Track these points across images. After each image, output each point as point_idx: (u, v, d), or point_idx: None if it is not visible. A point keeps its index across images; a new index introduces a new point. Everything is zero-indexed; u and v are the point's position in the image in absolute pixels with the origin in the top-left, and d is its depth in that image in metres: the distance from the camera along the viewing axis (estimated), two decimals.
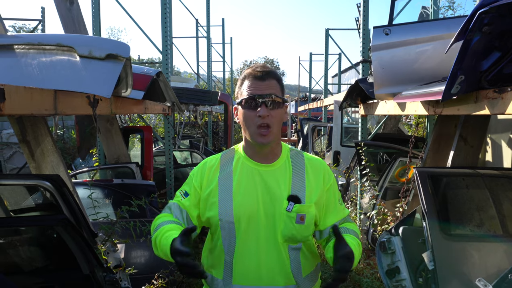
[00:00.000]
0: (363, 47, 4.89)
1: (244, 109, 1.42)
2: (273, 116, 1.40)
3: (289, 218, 1.41)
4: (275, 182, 1.45)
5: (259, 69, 1.45)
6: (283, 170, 1.48)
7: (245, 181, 1.46)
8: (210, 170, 1.50)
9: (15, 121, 2.72)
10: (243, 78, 1.47)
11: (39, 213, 2.94)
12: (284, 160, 1.51)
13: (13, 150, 7.71)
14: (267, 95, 1.39)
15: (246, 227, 1.42)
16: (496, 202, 2.49)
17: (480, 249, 2.32)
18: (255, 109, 1.39)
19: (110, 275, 2.27)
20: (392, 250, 2.68)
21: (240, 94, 1.46)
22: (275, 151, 1.50)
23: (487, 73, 1.91)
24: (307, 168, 1.51)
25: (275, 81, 1.44)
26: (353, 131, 6.95)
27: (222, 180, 1.47)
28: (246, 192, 1.44)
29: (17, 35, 2.78)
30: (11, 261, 2.24)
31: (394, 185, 4.35)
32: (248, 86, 1.43)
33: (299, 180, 1.47)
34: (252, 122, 1.40)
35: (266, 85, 1.41)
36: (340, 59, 14.43)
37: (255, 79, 1.43)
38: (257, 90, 1.40)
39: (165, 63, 5.11)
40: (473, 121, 3.14)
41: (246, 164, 1.49)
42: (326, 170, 1.54)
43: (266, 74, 1.43)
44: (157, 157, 6.41)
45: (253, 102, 1.40)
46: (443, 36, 2.98)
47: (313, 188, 1.47)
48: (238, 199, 1.43)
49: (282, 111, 1.44)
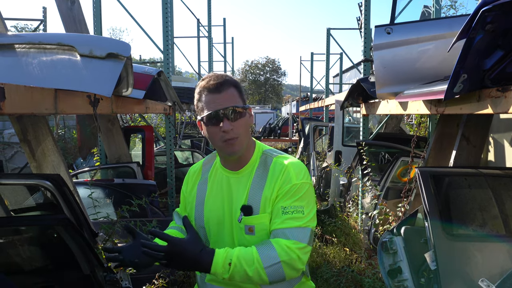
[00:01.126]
0: (364, 46, 4.88)
1: (207, 126, 1.39)
2: (237, 127, 1.37)
3: (239, 229, 1.42)
4: (237, 190, 1.45)
5: (212, 82, 1.38)
6: (246, 178, 1.45)
7: (216, 188, 1.50)
8: (193, 175, 1.60)
9: (15, 120, 2.71)
10: (199, 92, 1.41)
11: (40, 212, 2.94)
12: (252, 167, 1.47)
13: (15, 150, 7.72)
14: (226, 108, 1.35)
15: (215, 232, 1.48)
16: (499, 202, 2.47)
17: (483, 249, 2.31)
18: (218, 124, 1.36)
19: (110, 275, 2.26)
20: (394, 250, 2.66)
21: (200, 109, 1.40)
22: (244, 158, 1.47)
23: (490, 72, 1.90)
24: (270, 174, 1.42)
25: (232, 88, 1.39)
26: (354, 131, 6.94)
27: (200, 186, 1.55)
28: (216, 199, 1.48)
29: (18, 34, 2.78)
30: (11, 261, 2.23)
31: (396, 185, 4.33)
32: (206, 102, 1.37)
33: (257, 188, 1.42)
34: (217, 137, 1.38)
35: (223, 97, 1.36)
36: (342, 58, 14.39)
37: (210, 92, 1.37)
38: (216, 105, 1.35)
39: (166, 63, 5.11)
40: (475, 120, 3.12)
41: (220, 171, 1.53)
42: (286, 175, 1.39)
43: (221, 85, 1.37)
44: (158, 157, 6.41)
45: (214, 118, 1.36)
46: (445, 35, 2.96)
47: (268, 197, 1.39)
48: (209, 205, 1.48)
49: (245, 119, 1.41)
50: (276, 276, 1.30)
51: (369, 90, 3.84)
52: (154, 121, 10.69)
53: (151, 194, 3.80)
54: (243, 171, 1.47)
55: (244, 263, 1.27)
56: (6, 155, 7.73)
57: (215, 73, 1.44)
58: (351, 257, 4.42)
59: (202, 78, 1.44)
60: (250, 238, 1.40)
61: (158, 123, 10.66)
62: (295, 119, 17.26)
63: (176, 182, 5.39)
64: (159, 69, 4.03)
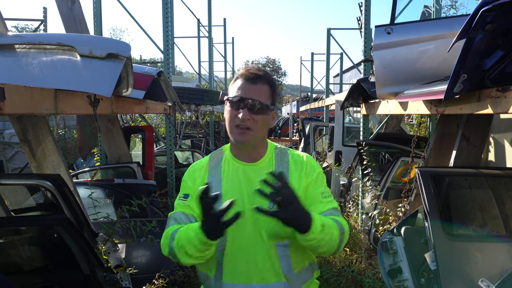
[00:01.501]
0: (364, 46, 4.87)
1: (229, 107, 1.45)
2: (255, 120, 1.42)
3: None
4: (259, 180, 1.44)
5: (251, 71, 1.45)
6: (267, 168, 1.49)
7: (232, 180, 1.49)
8: (200, 171, 1.55)
9: (15, 120, 2.71)
10: (236, 77, 1.49)
11: (40, 212, 2.94)
12: (269, 158, 1.53)
13: (15, 150, 7.73)
14: (251, 100, 1.41)
15: (234, 225, 1.40)
16: (499, 202, 2.47)
17: (483, 249, 2.30)
18: (237, 110, 1.41)
19: (110, 275, 2.26)
20: (394, 250, 2.66)
21: (230, 92, 1.48)
22: (259, 151, 1.52)
23: (490, 72, 1.89)
24: (291, 165, 1.52)
25: (267, 85, 1.45)
26: (354, 131, 6.94)
27: (212, 179, 1.50)
28: (233, 191, 1.47)
29: (18, 35, 2.78)
30: (12, 261, 2.23)
31: (396, 185, 4.33)
32: (237, 87, 1.44)
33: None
34: (232, 121, 1.44)
35: (255, 89, 1.43)
36: (342, 58, 14.38)
37: (246, 80, 1.44)
38: (244, 93, 1.42)
39: (167, 63, 5.11)
40: (475, 120, 3.12)
41: (233, 163, 1.52)
42: (309, 164, 1.54)
43: (258, 78, 1.44)
44: (158, 157, 6.41)
45: (237, 103, 1.42)
46: (445, 35, 2.96)
47: (295, 185, 1.46)
48: (227, 198, 1.42)
49: (267, 116, 1.45)
50: (342, 245, 1.44)
51: (369, 90, 3.84)
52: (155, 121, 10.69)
53: (151, 194, 3.80)
54: (260, 162, 1.51)
55: (331, 228, 1.38)
56: (6, 155, 7.73)
57: (257, 66, 1.52)
58: (351, 257, 4.41)
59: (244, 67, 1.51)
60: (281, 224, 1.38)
61: (159, 123, 10.66)
62: (296, 119, 17.25)
63: (176, 182, 5.39)
64: (159, 69, 4.03)
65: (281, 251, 1.44)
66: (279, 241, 1.44)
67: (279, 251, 1.44)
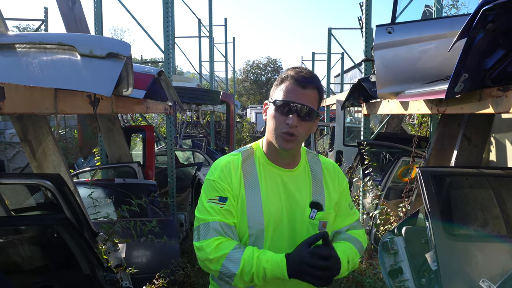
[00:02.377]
0: (365, 46, 4.87)
1: (276, 111, 1.36)
2: (301, 127, 1.35)
3: (312, 226, 1.40)
4: (296, 188, 1.43)
5: (303, 74, 1.37)
6: (303, 175, 1.47)
7: (271, 187, 1.42)
8: (236, 171, 1.41)
9: (16, 120, 2.71)
10: (284, 78, 1.39)
11: (40, 212, 2.94)
12: (304, 165, 1.49)
13: (16, 150, 7.73)
14: (303, 106, 1.33)
15: (272, 234, 1.39)
16: (500, 202, 2.46)
17: (484, 250, 2.29)
18: (286, 115, 1.34)
19: (110, 275, 2.26)
20: (395, 250, 2.65)
21: (277, 93, 1.39)
22: (296, 157, 1.48)
23: (491, 71, 1.88)
24: (325, 173, 1.51)
25: (316, 91, 1.37)
26: (355, 131, 6.93)
27: (248, 184, 1.40)
28: (273, 199, 1.41)
29: (18, 34, 2.78)
30: (11, 260, 2.23)
31: (397, 185, 4.32)
32: (287, 89, 1.35)
33: (318, 186, 1.47)
34: (279, 126, 1.35)
35: (305, 94, 1.34)
36: (343, 58, 14.36)
37: (296, 84, 1.35)
38: (294, 97, 1.34)
39: (167, 62, 5.10)
40: (477, 120, 3.11)
41: (269, 168, 1.44)
42: (340, 174, 1.55)
43: (309, 83, 1.36)
44: (159, 157, 6.41)
45: (286, 108, 1.34)
46: (446, 35, 2.95)
47: (331, 194, 1.48)
48: (268, 206, 1.39)
49: (312, 123, 1.39)
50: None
51: (370, 89, 3.82)
52: (156, 121, 10.70)
53: (151, 194, 3.80)
54: (297, 169, 1.47)
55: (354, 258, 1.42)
56: (7, 155, 7.74)
57: (307, 68, 1.44)
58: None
59: (292, 67, 1.42)
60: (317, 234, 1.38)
61: (160, 123, 10.66)
62: None
63: (177, 182, 5.39)
64: (160, 68, 4.03)
65: None
66: None
67: None
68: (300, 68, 1.41)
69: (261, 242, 1.39)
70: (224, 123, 12.05)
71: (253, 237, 1.39)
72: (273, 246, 1.39)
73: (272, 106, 1.38)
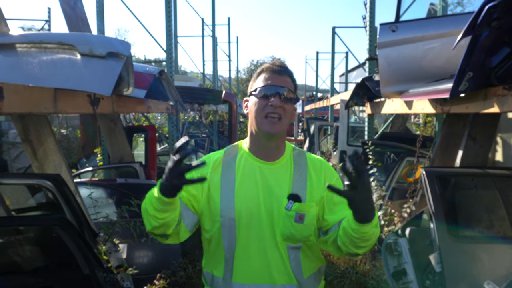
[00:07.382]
0: (369, 44, 4.83)
1: (258, 98, 1.43)
2: (285, 109, 1.41)
3: (288, 217, 1.39)
4: (276, 180, 1.44)
5: (278, 64, 1.49)
6: (285, 168, 1.47)
7: (247, 178, 1.44)
8: (214, 163, 1.48)
9: (17, 120, 2.71)
10: (260, 71, 1.48)
11: (40, 212, 2.93)
12: (287, 159, 1.50)
13: (20, 150, 7.75)
14: (283, 87, 1.41)
15: (247, 224, 1.40)
16: (506, 203, 2.42)
17: (489, 251, 2.26)
18: (268, 99, 1.40)
19: (110, 276, 2.25)
20: (398, 251, 2.63)
21: (256, 84, 1.46)
22: (279, 148, 1.49)
23: (496, 70, 1.85)
24: (309, 167, 1.49)
25: (290, 79, 1.47)
26: (359, 130, 6.89)
27: (224, 175, 1.45)
28: (248, 189, 1.43)
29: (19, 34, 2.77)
30: (11, 261, 2.22)
31: (401, 185, 4.28)
32: (265, 78, 1.44)
33: (300, 179, 1.45)
34: (262, 110, 1.40)
35: (282, 79, 1.44)
36: (347, 57, 14.32)
37: (273, 72, 1.45)
38: (273, 82, 1.42)
39: (169, 62, 5.09)
40: (482, 119, 3.07)
41: (249, 160, 1.47)
42: (328, 170, 1.52)
43: (285, 70, 1.46)
44: (161, 157, 6.41)
45: (268, 92, 1.41)
46: (451, 33, 2.91)
47: (315, 188, 1.45)
48: (240, 196, 1.42)
49: (292, 107, 1.45)
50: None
51: (374, 89, 3.79)
52: (158, 121, 10.70)
53: None
54: (279, 161, 1.48)
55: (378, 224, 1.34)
56: (11, 155, 7.77)
57: (280, 59, 1.53)
58: (355, 259, 4.37)
59: (267, 62, 1.53)
60: (298, 226, 1.38)
61: (163, 123, 10.66)
62: (301, 119, 17.20)
63: None
64: (161, 68, 4.02)
65: (293, 254, 1.42)
66: (292, 244, 1.42)
67: (291, 253, 1.42)
68: (272, 61, 1.52)
69: (233, 233, 1.41)
70: (227, 123, 12.05)
71: (225, 228, 1.42)
72: (249, 235, 1.41)
73: (253, 97, 1.45)
